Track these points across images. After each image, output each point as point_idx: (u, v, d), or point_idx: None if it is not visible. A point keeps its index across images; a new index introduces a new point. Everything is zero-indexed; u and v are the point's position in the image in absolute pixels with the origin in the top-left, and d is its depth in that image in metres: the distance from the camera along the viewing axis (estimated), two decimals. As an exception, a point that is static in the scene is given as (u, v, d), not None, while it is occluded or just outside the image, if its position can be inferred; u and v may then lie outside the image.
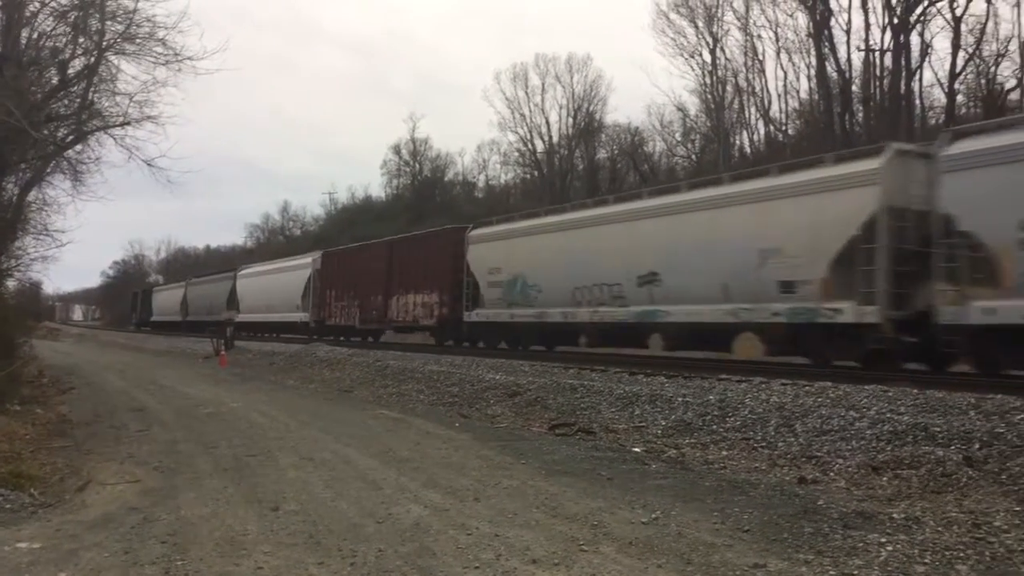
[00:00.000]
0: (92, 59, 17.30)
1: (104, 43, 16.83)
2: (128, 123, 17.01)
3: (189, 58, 16.52)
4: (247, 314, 42.81)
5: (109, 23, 16.79)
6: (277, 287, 39.40)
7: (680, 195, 18.57)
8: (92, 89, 17.91)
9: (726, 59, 49.93)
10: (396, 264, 29.30)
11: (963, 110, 40.12)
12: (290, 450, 9.46)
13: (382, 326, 30.64)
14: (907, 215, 13.59)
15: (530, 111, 64.36)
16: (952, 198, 12.65)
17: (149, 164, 17.09)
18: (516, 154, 67.97)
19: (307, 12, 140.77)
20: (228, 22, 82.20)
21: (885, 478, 7.23)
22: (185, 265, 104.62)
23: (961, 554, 5.03)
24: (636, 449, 9.20)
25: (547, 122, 63.84)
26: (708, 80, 50.48)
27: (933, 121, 40.02)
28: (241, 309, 43.88)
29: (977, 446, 7.48)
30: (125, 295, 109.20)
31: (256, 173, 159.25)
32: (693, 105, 53.97)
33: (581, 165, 62.52)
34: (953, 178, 12.67)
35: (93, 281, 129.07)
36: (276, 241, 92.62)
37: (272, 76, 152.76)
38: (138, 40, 16.70)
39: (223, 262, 79.44)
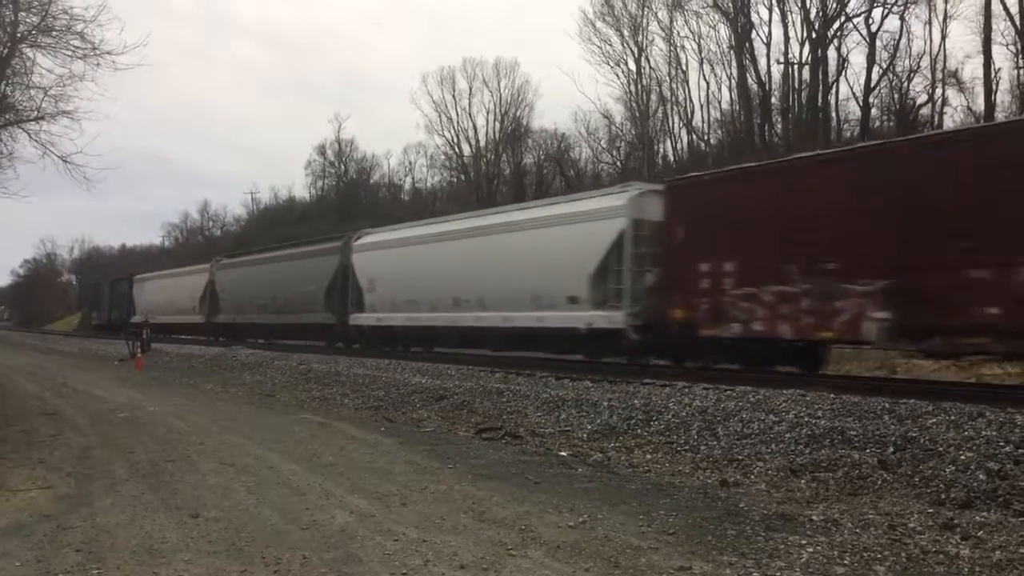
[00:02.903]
0: (5, 51, 16.72)
1: (18, 34, 16.31)
2: (42, 117, 16.60)
3: (108, 52, 16.13)
4: (396, 313, 24.12)
5: (23, 14, 16.30)
6: (510, 263, 19.69)
7: None
8: (5, 82, 17.31)
9: (651, 68, 50.97)
10: None
11: (876, 123, 41.57)
12: (210, 455, 9.23)
13: None
14: None
15: (457, 115, 64.62)
16: None
17: (65, 160, 16.64)
18: (443, 157, 68.13)
19: (223, 3, 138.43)
20: (145, 13, 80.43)
21: (804, 481, 7.40)
22: (99, 264, 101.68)
23: (879, 555, 5.17)
24: (563, 453, 9.24)
25: (474, 126, 64.16)
26: (633, 89, 51.45)
27: (848, 134, 41.33)
28: (370, 304, 25.37)
29: (891, 449, 7.71)
30: (35, 295, 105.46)
31: (174, 171, 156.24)
32: (618, 113, 54.92)
33: (508, 170, 62.88)
34: None
35: (2, 280, 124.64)
36: (195, 241, 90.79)
37: (189, 70, 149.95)
38: (54, 33, 16.25)
39: (141, 262, 77.21)
